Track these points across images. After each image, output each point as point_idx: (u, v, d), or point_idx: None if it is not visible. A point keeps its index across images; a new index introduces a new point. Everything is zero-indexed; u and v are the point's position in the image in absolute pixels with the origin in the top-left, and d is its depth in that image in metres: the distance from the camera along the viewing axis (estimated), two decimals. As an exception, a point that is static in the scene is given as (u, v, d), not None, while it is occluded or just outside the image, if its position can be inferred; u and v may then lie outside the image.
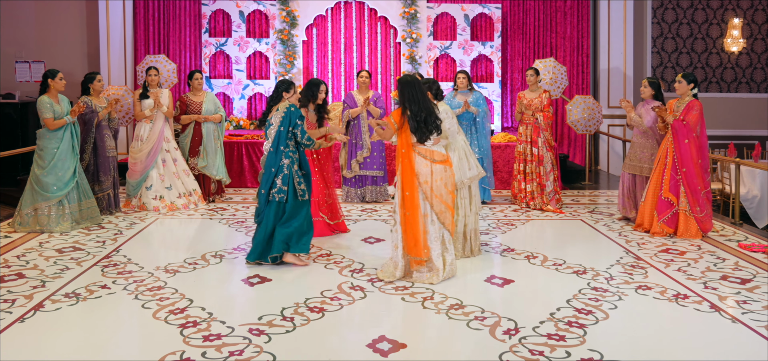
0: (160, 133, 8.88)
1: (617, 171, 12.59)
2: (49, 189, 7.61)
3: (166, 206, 8.80)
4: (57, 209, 7.65)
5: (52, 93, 7.74)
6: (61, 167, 7.67)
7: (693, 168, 7.39)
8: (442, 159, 5.83)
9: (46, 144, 7.66)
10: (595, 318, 4.98)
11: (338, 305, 5.25)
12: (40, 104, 7.63)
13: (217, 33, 13.09)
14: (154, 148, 8.81)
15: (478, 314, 5.04)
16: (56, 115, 7.65)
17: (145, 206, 8.76)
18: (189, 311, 5.08)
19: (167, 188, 8.89)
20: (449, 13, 13.20)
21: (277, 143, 6.17)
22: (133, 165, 8.81)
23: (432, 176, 5.75)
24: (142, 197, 8.80)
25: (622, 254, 6.85)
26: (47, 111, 7.61)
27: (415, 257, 5.78)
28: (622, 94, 12.91)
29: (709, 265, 6.40)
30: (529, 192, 9.08)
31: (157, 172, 8.86)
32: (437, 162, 5.80)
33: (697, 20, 13.42)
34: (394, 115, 5.87)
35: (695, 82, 7.56)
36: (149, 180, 8.81)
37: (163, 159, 8.91)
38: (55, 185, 7.63)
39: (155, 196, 8.80)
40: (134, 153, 8.82)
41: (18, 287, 5.62)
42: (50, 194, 7.60)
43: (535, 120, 8.98)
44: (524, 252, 6.88)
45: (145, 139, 8.84)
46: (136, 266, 6.30)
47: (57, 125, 7.63)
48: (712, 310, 5.17)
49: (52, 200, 7.61)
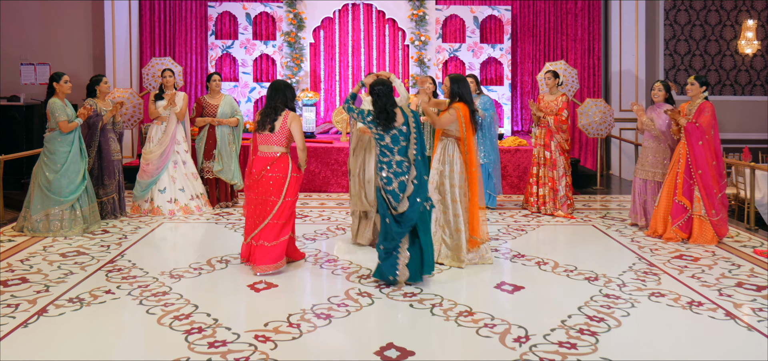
0: (173, 135, 8.89)
1: (629, 176, 12.54)
2: (61, 193, 7.61)
3: (180, 209, 8.80)
4: (70, 213, 7.67)
5: (59, 96, 7.77)
6: (73, 170, 7.69)
7: (708, 170, 7.36)
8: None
9: (58, 147, 7.67)
10: (607, 326, 4.94)
11: (345, 312, 5.23)
12: (54, 106, 7.63)
13: (224, 35, 13.10)
14: (166, 150, 8.82)
15: (488, 321, 5.01)
16: (69, 117, 7.67)
17: (160, 210, 8.72)
18: (194, 316, 5.07)
19: (181, 190, 8.91)
20: (458, 15, 13.17)
21: (421, 149, 5.91)
22: (146, 166, 8.81)
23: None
24: (155, 201, 8.77)
25: (635, 260, 6.81)
26: (62, 114, 7.63)
27: (475, 237, 6.39)
28: (634, 97, 12.86)
29: (723, 271, 6.36)
30: (542, 196, 9.04)
31: (169, 174, 8.86)
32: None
33: (711, 22, 13.36)
34: (460, 107, 6.39)
35: (707, 85, 7.54)
36: (161, 183, 8.81)
37: (175, 161, 8.92)
38: (68, 188, 7.64)
39: (170, 198, 8.80)
40: (147, 154, 8.84)
41: (22, 292, 5.62)
42: (64, 197, 7.61)
43: (547, 123, 8.95)
44: (535, 258, 6.85)
45: (157, 141, 8.86)
46: (141, 271, 6.29)
47: (71, 128, 7.65)
48: (727, 318, 5.13)
49: (65, 204, 7.62)
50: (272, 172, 6.14)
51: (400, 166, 5.77)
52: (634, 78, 12.93)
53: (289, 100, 6.20)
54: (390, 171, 5.77)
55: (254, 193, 6.23)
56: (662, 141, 7.95)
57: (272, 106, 6.14)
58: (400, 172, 5.76)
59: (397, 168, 5.77)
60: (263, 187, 6.17)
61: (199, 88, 12.97)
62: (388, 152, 5.80)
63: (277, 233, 6.17)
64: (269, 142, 6.17)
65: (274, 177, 6.14)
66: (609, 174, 13.06)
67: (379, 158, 5.86)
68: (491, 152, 9.34)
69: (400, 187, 5.74)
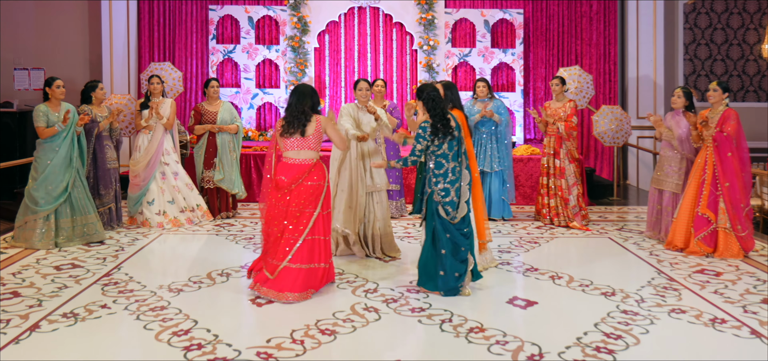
0: (159, 144, 8.87)
1: (647, 186, 12.47)
2: (37, 202, 7.61)
3: (169, 221, 8.78)
4: (43, 224, 7.62)
5: (53, 102, 7.79)
6: (52, 180, 7.65)
7: (736, 182, 7.31)
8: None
9: (41, 155, 7.69)
10: (625, 343, 4.90)
11: (351, 327, 5.21)
12: (35, 112, 7.69)
13: (225, 39, 13.12)
14: (152, 159, 8.80)
15: (500, 337, 4.98)
16: (50, 123, 7.67)
17: (148, 222, 8.72)
18: (193, 332, 5.05)
19: (169, 201, 8.89)
20: (468, 18, 13.16)
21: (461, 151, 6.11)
22: (134, 178, 8.82)
23: None
24: (144, 213, 8.77)
25: (654, 274, 6.77)
26: (40, 119, 7.64)
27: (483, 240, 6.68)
28: (652, 104, 12.81)
29: (748, 287, 6.30)
30: (553, 207, 9.00)
31: (157, 186, 8.85)
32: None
33: (733, 25, 13.31)
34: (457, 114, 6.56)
35: (729, 91, 7.52)
36: (150, 194, 8.80)
37: (163, 172, 8.91)
38: (44, 199, 7.62)
39: (158, 211, 8.78)
40: (133, 165, 8.83)
41: (13, 306, 5.61)
42: (38, 207, 7.60)
43: (556, 130, 8.92)
44: (548, 272, 6.81)
45: (143, 150, 8.85)
46: (138, 284, 6.28)
47: (48, 134, 7.65)
48: (753, 336, 5.08)
49: (39, 214, 7.60)
50: (309, 180, 5.99)
51: (454, 172, 5.96)
52: (652, 84, 12.89)
53: (315, 105, 6.15)
54: (446, 181, 5.92)
55: (281, 204, 6.03)
56: (680, 150, 7.90)
57: (300, 110, 6.02)
58: (454, 180, 5.95)
59: (452, 176, 5.94)
60: (299, 196, 5.97)
61: (199, 95, 12.98)
62: (445, 161, 5.94)
63: (308, 253, 5.93)
64: (302, 147, 5.98)
65: (312, 185, 5.98)
66: (626, 184, 13.01)
67: (433, 171, 5.96)
68: (506, 158, 9.32)
69: (457, 193, 5.95)
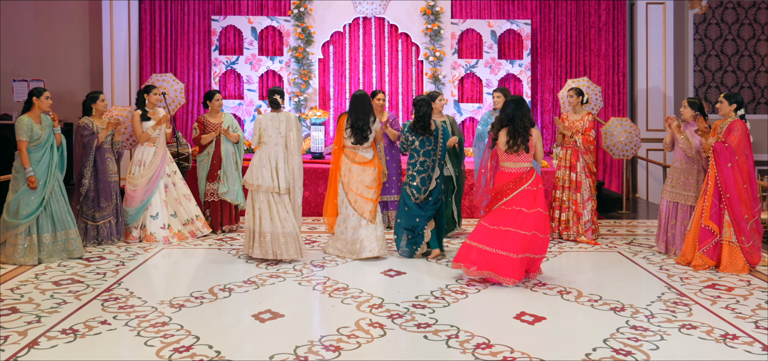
0: (163, 156, 8.90)
1: (657, 199, 12.47)
2: (17, 214, 7.58)
3: (174, 235, 8.79)
4: (24, 239, 7.59)
5: (34, 112, 7.68)
6: (32, 191, 7.63)
7: (737, 194, 7.29)
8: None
9: (20, 166, 7.64)
10: (634, 360, 4.90)
11: (356, 343, 5.21)
12: (18, 124, 7.57)
13: (228, 50, 13.17)
14: (156, 173, 8.79)
15: (507, 354, 4.98)
16: (33, 139, 7.61)
17: (153, 237, 8.69)
18: (195, 349, 5.06)
19: (173, 215, 8.91)
20: (475, 29, 13.19)
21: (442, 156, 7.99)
22: (133, 192, 8.74)
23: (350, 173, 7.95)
24: (148, 228, 8.73)
25: (664, 289, 6.76)
26: (24, 133, 7.54)
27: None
28: (662, 116, 12.80)
29: (760, 302, 6.29)
30: (564, 221, 9.00)
31: (160, 199, 8.85)
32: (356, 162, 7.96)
33: (744, 36, 13.33)
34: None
35: (739, 103, 7.49)
36: (153, 208, 8.78)
37: (165, 184, 8.93)
38: (24, 211, 7.58)
39: (163, 225, 8.77)
40: (134, 179, 8.74)
41: (11, 323, 5.62)
42: (19, 221, 7.57)
43: (574, 143, 8.92)
44: (557, 287, 6.81)
45: (148, 163, 8.80)
46: (139, 299, 6.29)
47: (25, 157, 7.56)
48: (765, 352, 5.07)
49: (19, 228, 7.57)
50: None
51: (423, 165, 7.83)
52: (661, 95, 12.90)
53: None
54: (414, 170, 7.86)
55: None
56: (696, 162, 7.90)
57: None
58: (422, 170, 7.82)
59: (420, 167, 7.84)
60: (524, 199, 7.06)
61: (202, 107, 13.01)
62: (415, 154, 7.87)
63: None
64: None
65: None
66: (635, 198, 13.00)
67: (408, 160, 7.96)
68: None
69: (422, 181, 7.80)
